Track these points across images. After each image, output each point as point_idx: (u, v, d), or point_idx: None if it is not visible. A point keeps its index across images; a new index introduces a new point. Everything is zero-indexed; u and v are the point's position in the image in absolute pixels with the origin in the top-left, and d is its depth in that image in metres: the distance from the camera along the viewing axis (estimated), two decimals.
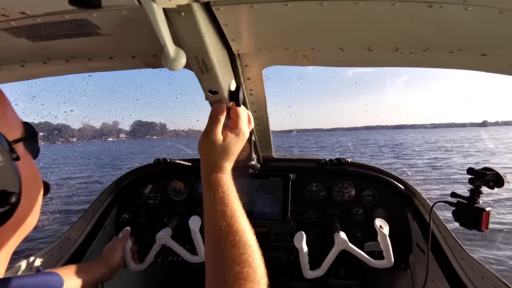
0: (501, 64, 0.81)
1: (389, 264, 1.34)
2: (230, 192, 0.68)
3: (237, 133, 0.73)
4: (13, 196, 0.42)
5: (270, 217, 1.54)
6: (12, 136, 0.47)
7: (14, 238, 0.48)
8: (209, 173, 0.70)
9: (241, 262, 0.58)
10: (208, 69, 0.64)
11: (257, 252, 0.62)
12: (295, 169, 1.76)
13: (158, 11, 0.43)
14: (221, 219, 0.63)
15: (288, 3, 0.59)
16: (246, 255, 0.59)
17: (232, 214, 0.64)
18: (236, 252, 0.59)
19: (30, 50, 0.79)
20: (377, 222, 1.34)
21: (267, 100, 1.32)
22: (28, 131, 0.53)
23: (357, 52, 0.87)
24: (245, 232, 0.63)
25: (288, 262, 1.72)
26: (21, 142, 0.49)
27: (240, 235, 0.62)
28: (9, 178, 0.43)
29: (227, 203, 0.65)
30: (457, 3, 0.57)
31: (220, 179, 0.69)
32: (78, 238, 1.57)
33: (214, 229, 0.64)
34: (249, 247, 0.61)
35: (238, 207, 0.67)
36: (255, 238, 0.65)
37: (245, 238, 0.62)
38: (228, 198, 0.67)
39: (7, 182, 0.43)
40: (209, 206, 0.67)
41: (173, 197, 1.81)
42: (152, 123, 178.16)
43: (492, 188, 1.07)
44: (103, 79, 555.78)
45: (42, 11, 0.59)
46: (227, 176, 0.71)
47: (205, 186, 0.70)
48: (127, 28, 0.70)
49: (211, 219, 0.65)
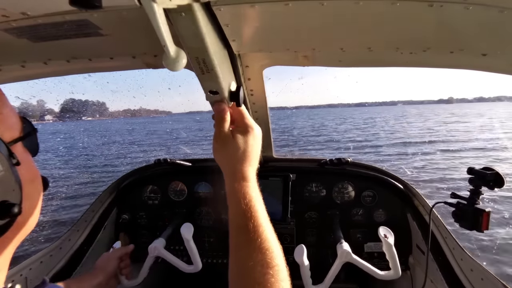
0: (502, 64, 0.81)
1: (396, 276, 1.26)
2: (254, 203, 0.63)
3: (245, 130, 0.70)
4: (15, 207, 0.41)
5: (270, 217, 1.53)
6: (10, 135, 0.44)
7: (14, 242, 0.47)
8: (232, 182, 0.65)
9: (263, 282, 0.53)
10: (208, 70, 0.64)
11: (283, 273, 0.56)
12: (295, 169, 1.75)
13: (159, 12, 0.43)
14: (243, 233, 0.59)
15: (289, 3, 0.59)
16: (269, 275, 0.54)
17: (255, 229, 0.59)
18: (259, 271, 0.54)
19: (31, 51, 0.79)
20: (381, 231, 1.26)
21: (267, 100, 1.32)
22: (26, 127, 0.50)
23: (358, 52, 0.87)
24: (269, 250, 0.58)
25: (288, 263, 1.71)
26: (20, 141, 0.47)
27: (264, 252, 0.57)
28: (10, 188, 0.41)
29: (249, 217, 0.60)
30: (457, 2, 0.57)
31: (243, 188, 0.64)
32: (78, 239, 1.57)
33: (236, 244, 0.60)
34: (273, 267, 0.55)
35: (263, 221, 0.61)
36: (282, 255, 0.60)
37: (269, 257, 0.57)
38: (252, 211, 0.61)
39: (8, 192, 0.41)
40: (232, 219, 0.63)
41: (173, 198, 1.81)
42: (87, 102, 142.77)
43: (492, 188, 1.07)
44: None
45: (43, 12, 0.59)
46: (251, 185, 0.66)
47: (229, 196, 0.65)
48: (127, 29, 0.70)
49: (234, 233, 0.62)
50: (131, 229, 1.79)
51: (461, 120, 37.84)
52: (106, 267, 1.17)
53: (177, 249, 1.69)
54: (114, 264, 1.20)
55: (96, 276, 1.11)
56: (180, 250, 1.68)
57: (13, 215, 0.41)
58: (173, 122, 70.05)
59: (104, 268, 1.17)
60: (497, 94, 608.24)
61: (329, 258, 1.63)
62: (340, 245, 1.31)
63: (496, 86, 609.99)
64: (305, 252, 1.24)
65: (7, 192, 0.41)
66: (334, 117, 56.10)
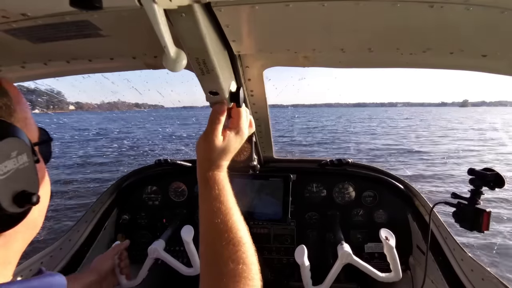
0: (502, 65, 0.81)
1: (397, 278, 1.26)
2: (226, 189, 0.69)
3: (237, 131, 0.74)
4: (34, 196, 0.43)
5: (270, 217, 1.54)
6: (31, 139, 0.47)
7: (23, 240, 0.48)
8: (205, 171, 0.70)
9: (236, 259, 0.58)
10: (209, 70, 0.64)
11: (251, 249, 0.63)
12: (295, 169, 1.75)
13: (159, 12, 0.43)
14: (216, 216, 0.64)
15: (289, 4, 0.59)
16: (240, 252, 0.60)
17: (227, 212, 0.65)
18: (231, 249, 0.60)
19: (31, 52, 0.79)
20: (383, 233, 1.26)
21: (267, 101, 1.32)
22: (42, 135, 0.54)
23: (358, 53, 0.87)
24: (239, 229, 0.64)
25: (288, 263, 1.71)
26: (37, 146, 0.50)
27: (235, 232, 0.63)
28: (31, 179, 0.45)
29: (222, 200, 0.66)
30: (458, 3, 0.57)
31: (217, 176, 0.70)
32: (78, 239, 1.57)
33: (209, 226, 0.64)
34: (243, 244, 0.62)
35: (233, 205, 0.67)
36: (249, 235, 0.66)
37: (239, 235, 0.63)
38: (224, 196, 0.67)
39: (29, 183, 0.44)
40: (204, 203, 0.67)
41: (174, 198, 1.81)
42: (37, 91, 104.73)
43: (493, 188, 1.07)
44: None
45: (43, 13, 0.59)
46: (223, 174, 0.72)
47: (201, 183, 0.70)
48: (128, 29, 0.70)
49: (206, 216, 0.66)
50: (131, 230, 1.79)
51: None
52: (100, 266, 1.16)
53: (177, 249, 1.69)
54: (109, 264, 1.19)
55: (88, 276, 1.10)
56: (180, 251, 1.68)
57: (32, 203, 0.43)
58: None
59: (98, 267, 1.16)
60: (499, 99, 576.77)
61: (330, 259, 1.63)
62: (341, 246, 1.31)
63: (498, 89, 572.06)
64: (306, 253, 1.24)
65: (29, 183, 0.44)
66: (334, 117, 56.33)
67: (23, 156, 0.43)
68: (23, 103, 0.49)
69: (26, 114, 0.49)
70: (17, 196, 0.41)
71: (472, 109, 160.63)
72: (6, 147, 0.40)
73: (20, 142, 0.43)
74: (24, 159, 0.43)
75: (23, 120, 0.47)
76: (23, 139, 0.43)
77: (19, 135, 0.43)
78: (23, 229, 0.46)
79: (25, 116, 0.48)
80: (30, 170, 0.44)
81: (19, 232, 0.45)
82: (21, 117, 0.47)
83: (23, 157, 0.43)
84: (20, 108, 0.47)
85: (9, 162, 0.40)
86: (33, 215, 0.47)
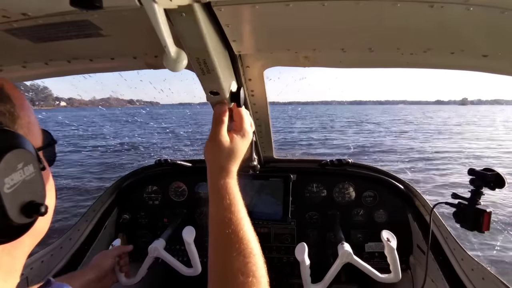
0: (503, 65, 0.81)
1: (396, 279, 1.27)
2: (237, 199, 0.68)
3: (243, 134, 0.74)
4: (42, 207, 0.43)
5: (270, 217, 1.54)
6: (35, 144, 0.47)
7: (29, 247, 0.48)
8: (217, 179, 0.69)
9: (246, 272, 0.58)
10: (209, 70, 0.64)
11: (261, 261, 0.62)
12: (295, 169, 1.75)
13: (159, 12, 0.43)
14: (227, 226, 0.63)
15: (290, 4, 0.59)
16: (251, 264, 0.59)
17: (238, 222, 0.64)
18: (242, 260, 0.59)
19: (32, 51, 0.79)
20: (384, 235, 1.26)
21: (268, 101, 1.32)
22: (46, 138, 0.53)
23: (358, 53, 0.87)
24: (250, 240, 0.63)
25: (289, 262, 1.72)
26: (41, 150, 0.49)
27: (246, 243, 0.62)
28: (38, 189, 0.44)
29: (233, 211, 0.65)
30: (458, 3, 0.57)
31: (228, 185, 0.69)
32: (79, 238, 1.57)
33: (219, 236, 0.64)
34: (254, 255, 0.61)
35: (244, 215, 0.66)
36: (259, 246, 0.65)
37: (250, 247, 0.62)
38: (235, 206, 0.66)
39: (36, 193, 0.44)
40: (214, 212, 0.67)
41: (174, 198, 1.81)
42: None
43: (493, 189, 1.07)
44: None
45: (44, 12, 0.59)
46: (233, 182, 0.71)
47: (212, 191, 0.69)
48: (128, 29, 0.70)
49: (217, 225, 0.65)
50: (131, 229, 1.79)
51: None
52: (100, 264, 1.15)
53: (177, 248, 1.70)
54: (109, 262, 1.18)
55: (87, 273, 1.09)
56: (181, 250, 1.68)
57: (40, 214, 0.43)
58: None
59: (98, 265, 1.15)
60: (495, 97, 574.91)
61: (330, 258, 1.63)
62: (342, 246, 1.31)
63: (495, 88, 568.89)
64: (306, 250, 1.24)
65: (36, 193, 0.44)
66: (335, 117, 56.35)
67: (29, 167, 0.42)
68: (27, 107, 0.48)
69: (30, 118, 0.48)
70: (25, 207, 0.41)
71: (474, 107, 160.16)
72: (12, 159, 0.39)
73: (26, 153, 0.42)
74: (30, 170, 0.42)
75: (26, 126, 0.46)
76: (28, 149, 0.43)
77: (24, 145, 0.42)
78: (29, 237, 0.46)
79: (28, 120, 0.47)
80: (37, 180, 0.44)
81: (25, 240, 0.45)
82: (24, 123, 0.46)
83: (29, 168, 0.42)
84: (23, 114, 0.46)
85: (16, 174, 0.39)
86: (40, 224, 0.47)
